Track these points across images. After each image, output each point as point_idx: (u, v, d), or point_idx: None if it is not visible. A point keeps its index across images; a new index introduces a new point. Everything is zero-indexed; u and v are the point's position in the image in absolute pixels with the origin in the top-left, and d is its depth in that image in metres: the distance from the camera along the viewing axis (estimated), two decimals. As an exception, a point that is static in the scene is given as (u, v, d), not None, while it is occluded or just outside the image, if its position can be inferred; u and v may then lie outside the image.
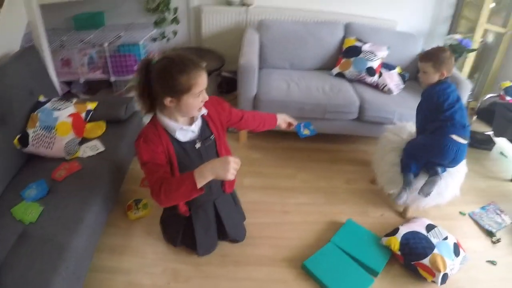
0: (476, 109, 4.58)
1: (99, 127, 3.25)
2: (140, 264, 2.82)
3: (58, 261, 2.12)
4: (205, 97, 2.09)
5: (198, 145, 2.29)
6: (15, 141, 2.79)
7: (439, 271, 2.67)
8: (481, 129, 4.74)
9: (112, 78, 4.29)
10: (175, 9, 4.84)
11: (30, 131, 2.85)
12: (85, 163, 2.87)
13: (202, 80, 2.00)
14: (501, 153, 4.52)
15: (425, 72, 2.97)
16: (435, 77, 2.93)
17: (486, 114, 4.42)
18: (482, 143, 4.49)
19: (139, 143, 2.12)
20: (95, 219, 2.54)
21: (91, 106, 3.26)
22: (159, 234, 3.00)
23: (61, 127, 2.94)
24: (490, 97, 4.52)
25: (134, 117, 3.51)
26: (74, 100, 3.21)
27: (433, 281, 2.72)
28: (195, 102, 2.05)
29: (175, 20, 4.91)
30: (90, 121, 3.23)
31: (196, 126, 2.27)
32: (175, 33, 5.03)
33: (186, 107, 2.07)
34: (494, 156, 4.47)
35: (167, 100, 2.02)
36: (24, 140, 2.83)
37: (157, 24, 4.85)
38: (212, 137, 2.36)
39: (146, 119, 2.26)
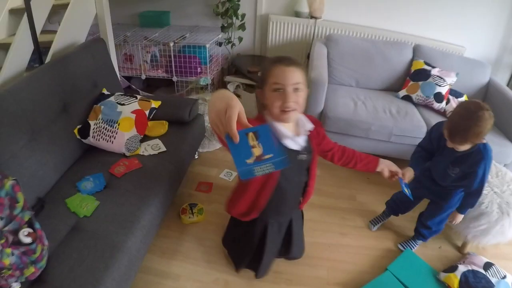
0: None
1: (162, 126, 3.12)
2: (190, 271, 2.68)
3: (110, 260, 1.99)
4: (285, 99, 1.74)
5: (302, 157, 1.99)
6: (75, 130, 2.70)
7: None
8: None
9: (175, 78, 4.17)
10: (243, 16, 4.72)
11: (92, 123, 2.74)
12: (145, 162, 2.74)
13: (281, 74, 1.73)
14: None
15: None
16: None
17: None
18: None
19: None
20: (151, 220, 2.40)
21: (155, 104, 3.14)
22: (212, 241, 2.84)
23: (124, 122, 2.81)
24: None
25: (198, 119, 3.39)
26: (139, 97, 3.09)
27: None
28: (273, 97, 1.78)
29: (242, 27, 4.78)
30: (153, 119, 3.12)
31: (302, 140, 1.98)
32: (240, 39, 4.88)
33: (268, 103, 1.83)
34: None
35: (258, 92, 1.92)
36: (84, 131, 2.73)
37: (224, 28, 4.72)
38: (311, 153, 2.06)
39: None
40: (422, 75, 4.10)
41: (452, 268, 2.80)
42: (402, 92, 4.17)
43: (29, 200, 2.13)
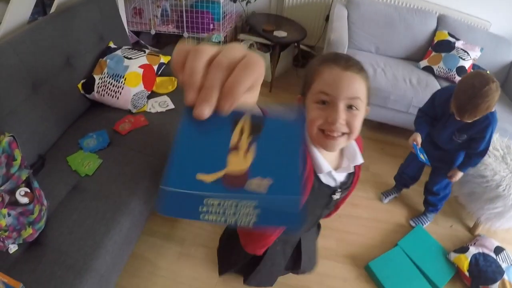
0: None
1: (171, 83, 2.99)
2: (195, 235, 2.64)
3: (111, 222, 1.92)
4: (333, 116, 1.14)
5: (336, 196, 1.44)
6: (79, 85, 2.57)
7: None
8: None
9: (186, 34, 4.00)
10: (261, -28, 4.50)
11: (97, 77, 2.60)
12: (152, 119, 2.62)
13: (334, 80, 1.15)
14: None
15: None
16: None
17: None
18: None
19: None
20: (157, 181, 2.30)
21: (164, 59, 2.99)
22: None
23: (131, 77, 2.66)
24: None
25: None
26: (147, 51, 2.94)
27: None
28: (315, 111, 1.18)
29: (259, -17, 4.55)
30: (161, 75, 2.98)
31: (342, 176, 1.41)
32: (257, -4, 4.69)
33: (308, 113, 1.21)
34: None
35: (298, 99, 1.32)
36: (88, 86, 2.59)
37: (239, -16, 4.50)
38: (349, 188, 1.49)
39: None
40: (446, 46, 3.98)
41: (463, 249, 2.79)
42: (424, 63, 4.05)
43: (30, 158, 2.06)
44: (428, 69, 4.01)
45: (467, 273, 2.63)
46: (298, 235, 1.90)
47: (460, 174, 2.67)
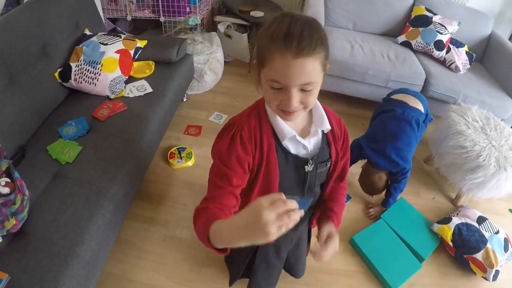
0: None
1: (148, 67, 2.98)
2: (179, 217, 2.64)
3: (95, 207, 1.93)
4: (287, 101, 1.14)
5: (308, 168, 1.40)
6: (56, 74, 2.54)
7: (492, 267, 2.53)
8: None
9: (162, 19, 3.94)
10: (236, -49, 4.44)
11: (73, 65, 2.58)
12: (130, 104, 2.61)
13: (284, 69, 1.08)
14: None
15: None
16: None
17: None
18: None
19: (224, 136, 1.31)
20: (137, 164, 2.32)
21: (140, 43, 2.98)
22: (202, 186, 2.76)
23: (107, 62, 2.65)
24: None
25: (186, 59, 3.25)
26: (123, 36, 2.92)
27: (484, 277, 2.57)
28: (269, 93, 1.17)
29: (235, -37, 4.48)
30: (138, 60, 2.97)
31: (311, 143, 1.38)
32: (232, -23, 4.60)
33: (263, 94, 1.24)
34: None
35: (255, 64, 1.24)
36: (65, 74, 2.57)
37: (215, -35, 4.45)
38: (328, 163, 1.47)
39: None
40: (423, 21, 4.00)
41: (446, 220, 2.83)
42: (401, 38, 4.07)
43: (11, 149, 2.06)
44: (406, 44, 4.03)
45: (451, 243, 2.67)
46: (292, 235, 1.79)
47: (381, 211, 2.93)
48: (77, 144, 2.21)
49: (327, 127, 1.36)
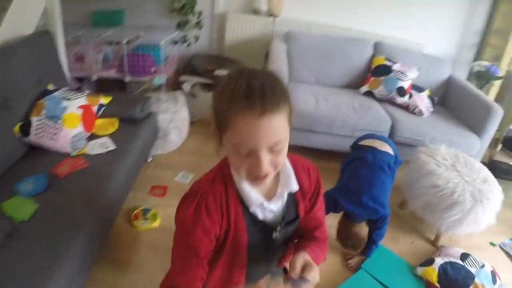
0: (503, 138, 4.41)
1: (111, 124, 2.88)
2: (145, 281, 2.43)
3: (51, 269, 1.73)
4: (257, 166, 1.04)
5: (276, 234, 1.32)
6: (16, 128, 2.42)
7: None
8: (505, 159, 4.59)
9: (127, 78, 3.90)
10: (200, 13, 4.51)
11: (34, 119, 2.46)
12: (92, 161, 2.48)
13: (250, 132, 0.99)
14: None
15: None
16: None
17: None
18: (506, 173, 4.26)
19: (187, 204, 1.18)
20: (99, 225, 2.16)
21: (104, 100, 2.90)
22: (169, 248, 2.52)
23: (69, 118, 2.55)
24: None
25: (150, 117, 3.17)
26: (87, 92, 2.85)
27: None
28: (235, 157, 1.07)
29: (199, 25, 4.56)
30: (101, 116, 2.88)
31: (277, 205, 1.27)
32: (197, 38, 4.67)
33: (229, 158, 1.15)
34: None
35: (213, 127, 1.12)
36: (25, 129, 2.45)
37: (179, 26, 4.49)
38: (296, 222, 1.37)
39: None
40: (384, 70, 4.06)
41: (429, 262, 2.76)
42: (364, 88, 4.10)
43: None
44: (369, 94, 4.06)
45: (437, 285, 2.58)
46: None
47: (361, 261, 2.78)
48: (33, 201, 2.06)
49: (294, 188, 1.26)
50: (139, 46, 4.05)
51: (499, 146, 4.45)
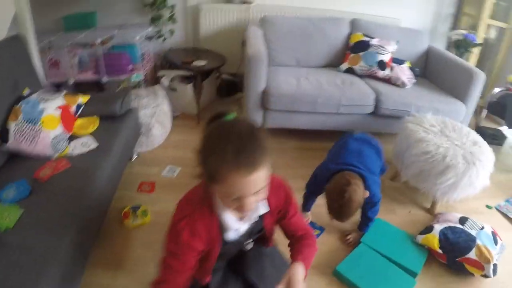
0: (486, 104, 4.38)
1: (91, 123, 2.77)
2: (140, 278, 2.32)
3: (40, 276, 1.63)
4: (244, 208, 1.26)
5: (249, 247, 1.64)
6: (-6, 135, 2.31)
7: (489, 262, 2.39)
8: (491, 125, 4.68)
9: (104, 79, 3.81)
10: (172, 7, 4.41)
11: (12, 125, 2.35)
12: (74, 162, 2.37)
13: (241, 185, 1.19)
14: None
15: None
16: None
17: (497, 107, 4.25)
18: (494, 138, 4.32)
19: (177, 228, 1.38)
20: (87, 225, 2.07)
21: (82, 99, 2.79)
22: (162, 243, 2.46)
23: (48, 120, 2.44)
24: (500, 91, 4.30)
25: (131, 113, 3.05)
26: (64, 92, 2.75)
27: (483, 275, 2.44)
28: (226, 199, 1.29)
29: (172, 19, 4.45)
30: (81, 116, 2.77)
31: (246, 225, 1.52)
32: (172, 32, 4.55)
33: (221, 200, 1.34)
34: (507, 151, 4.36)
35: (200, 173, 1.32)
36: (4, 136, 2.34)
37: (153, 21, 4.39)
38: (261, 231, 1.63)
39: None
40: (362, 46, 4.02)
41: (428, 229, 2.71)
42: (344, 65, 4.05)
43: None
44: (350, 71, 4.00)
45: (440, 250, 2.52)
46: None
47: (359, 236, 2.69)
48: (18, 207, 1.96)
49: (263, 211, 1.48)
50: (114, 45, 3.95)
51: (484, 113, 4.44)
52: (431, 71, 4.31)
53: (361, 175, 2.35)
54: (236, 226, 1.45)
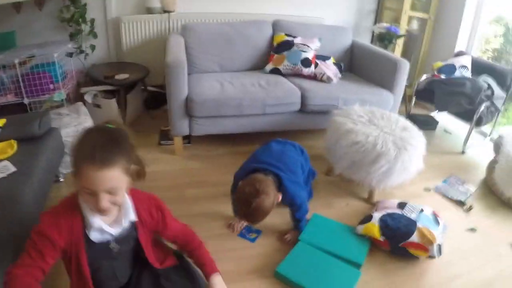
0: (414, 91, 4.52)
1: (9, 147, 2.66)
2: None
3: None
4: (98, 203, 1.39)
5: (113, 247, 1.66)
6: None
7: (432, 243, 2.42)
8: (420, 111, 4.92)
9: (26, 100, 3.67)
10: (92, 21, 4.30)
11: None
12: (-7, 188, 2.27)
13: (92, 179, 1.35)
14: (445, 131, 4.68)
15: None
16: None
17: (425, 93, 4.36)
18: (426, 124, 4.46)
19: (44, 220, 1.50)
20: (16, 253, 1.91)
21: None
22: None
23: (-40, 147, 2.33)
24: (426, 78, 4.45)
25: (52, 133, 2.93)
26: (-24, 119, 2.61)
27: (429, 256, 2.47)
28: (84, 195, 1.43)
29: (93, 33, 4.34)
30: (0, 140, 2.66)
31: (117, 230, 1.63)
32: (93, 47, 4.43)
33: (81, 195, 1.48)
34: (439, 134, 4.60)
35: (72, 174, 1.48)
36: None
37: (72, 36, 4.26)
38: (134, 242, 1.74)
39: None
40: (286, 46, 4.05)
41: (367, 218, 2.71)
42: (269, 66, 4.06)
43: None
44: (275, 71, 4.01)
45: (381, 238, 2.53)
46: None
47: (298, 234, 2.64)
48: None
49: (131, 218, 1.63)
50: (34, 65, 3.80)
51: (413, 101, 4.58)
52: (356, 65, 4.40)
53: (277, 175, 2.36)
54: (98, 223, 1.54)
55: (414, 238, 2.44)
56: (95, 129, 1.48)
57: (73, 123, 3.36)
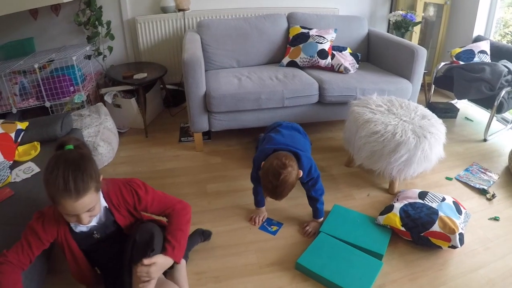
0: (433, 79, 4.48)
1: (33, 148, 2.74)
2: None
3: None
4: (81, 222, 1.64)
5: (97, 235, 1.92)
6: None
7: (454, 232, 2.39)
8: (440, 99, 4.83)
9: (47, 104, 3.76)
10: (108, 23, 4.37)
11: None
12: (17, 188, 2.34)
13: (71, 208, 1.54)
14: (466, 118, 4.59)
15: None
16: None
17: (444, 81, 4.30)
18: (447, 112, 4.47)
19: (36, 218, 1.79)
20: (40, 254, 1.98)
21: (21, 125, 2.77)
22: None
23: (-14, 150, 2.40)
24: (444, 64, 4.42)
25: (72, 133, 3.00)
26: (1, 120, 2.73)
27: (451, 246, 2.41)
28: (68, 218, 1.67)
29: (110, 35, 4.41)
30: (22, 143, 2.74)
31: (94, 221, 1.85)
32: (110, 49, 4.52)
33: (63, 216, 1.68)
34: (460, 122, 4.50)
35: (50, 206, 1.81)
36: None
37: (90, 39, 4.34)
38: (114, 226, 1.95)
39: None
40: (301, 38, 4.05)
41: (388, 209, 2.71)
42: (286, 59, 4.07)
43: None
44: (292, 64, 4.02)
45: (403, 228, 2.52)
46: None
47: (318, 225, 2.69)
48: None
49: (102, 204, 1.82)
50: (54, 69, 3.90)
51: (432, 88, 4.57)
52: (373, 54, 4.39)
53: (296, 154, 2.40)
54: (79, 227, 1.82)
55: (436, 227, 2.43)
56: (61, 160, 1.54)
57: (94, 123, 3.43)
